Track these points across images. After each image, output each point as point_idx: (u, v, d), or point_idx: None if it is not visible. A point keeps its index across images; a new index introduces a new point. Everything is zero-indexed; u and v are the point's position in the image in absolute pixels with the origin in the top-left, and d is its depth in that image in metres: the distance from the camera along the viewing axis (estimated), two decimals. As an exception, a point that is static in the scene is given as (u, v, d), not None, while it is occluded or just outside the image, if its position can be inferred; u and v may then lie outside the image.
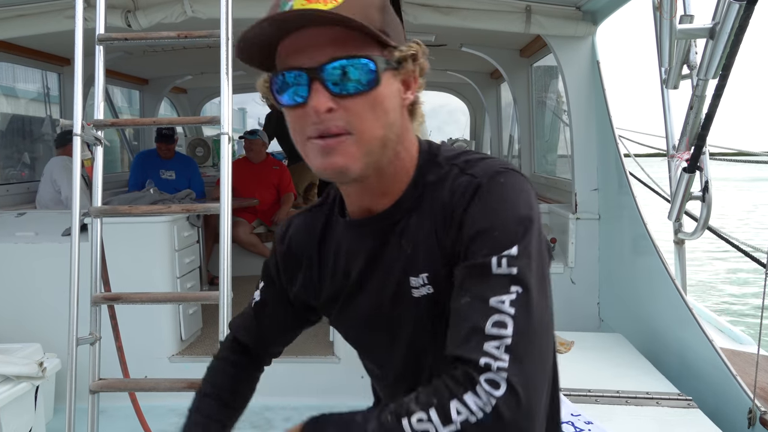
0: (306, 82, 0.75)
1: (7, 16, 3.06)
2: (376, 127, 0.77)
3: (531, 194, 0.80)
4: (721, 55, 1.92)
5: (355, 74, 0.74)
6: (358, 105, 0.76)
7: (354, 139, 0.76)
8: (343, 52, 0.74)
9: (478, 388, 0.67)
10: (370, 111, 0.76)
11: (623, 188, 2.88)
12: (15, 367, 2.58)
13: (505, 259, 0.73)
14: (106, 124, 2.18)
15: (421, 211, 0.85)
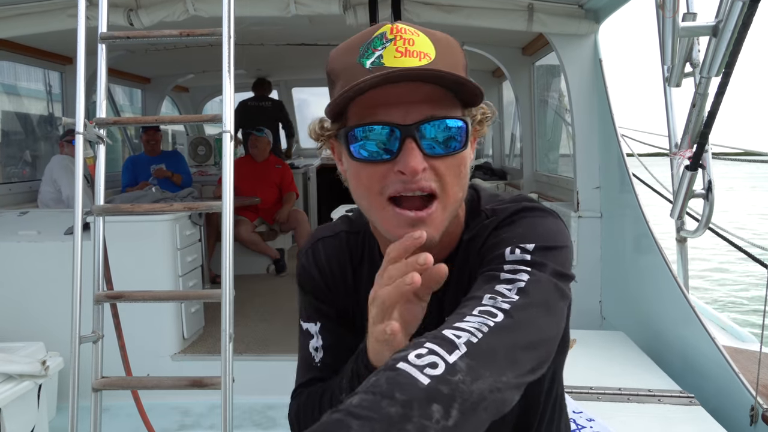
0: (399, 138, 0.72)
1: (10, 14, 3.07)
2: (458, 189, 0.76)
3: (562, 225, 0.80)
4: (724, 52, 1.92)
5: (450, 135, 0.73)
6: (446, 167, 0.74)
7: (441, 204, 0.74)
8: (439, 112, 0.72)
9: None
10: (456, 172, 0.75)
11: (625, 186, 2.87)
12: (18, 365, 2.58)
13: (518, 249, 0.74)
14: (109, 122, 2.18)
15: (462, 268, 0.84)
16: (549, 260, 0.74)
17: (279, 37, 4.44)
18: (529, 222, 0.78)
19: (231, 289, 2.01)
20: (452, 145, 0.73)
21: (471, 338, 0.61)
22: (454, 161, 0.74)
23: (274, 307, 4.26)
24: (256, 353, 3.42)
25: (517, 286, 0.69)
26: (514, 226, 0.78)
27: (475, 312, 0.66)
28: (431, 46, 0.73)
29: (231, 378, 1.94)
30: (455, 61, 0.75)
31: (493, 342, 0.62)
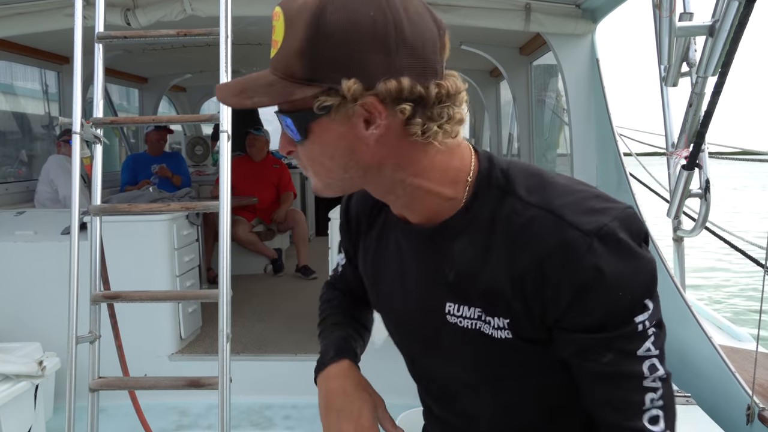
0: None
1: (6, 14, 3.06)
2: (323, 168, 0.78)
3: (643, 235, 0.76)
4: (720, 52, 1.92)
5: (287, 127, 0.76)
6: (303, 150, 0.78)
7: (310, 174, 0.81)
8: (281, 105, 0.76)
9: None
10: (312, 156, 0.78)
11: (622, 186, 2.88)
12: (14, 366, 2.58)
13: (647, 321, 0.75)
14: (105, 122, 2.17)
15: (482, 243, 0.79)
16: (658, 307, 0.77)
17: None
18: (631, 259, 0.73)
19: (228, 289, 2.01)
20: (294, 135, 0.76)
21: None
22: (307, 146, 0.77)
23: (271, 307, 4.25)
24: (254, 353, 3.42)
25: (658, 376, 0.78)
26: (622, 270, 0.72)
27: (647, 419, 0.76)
28: (282, 30, 0.72)
29: (228, 378, 1.94)
30: (289, 48, 0.71)
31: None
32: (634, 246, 0.73)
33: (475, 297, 0.81)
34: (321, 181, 0.80)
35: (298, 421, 3.07)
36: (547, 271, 0.73)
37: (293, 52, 0.71)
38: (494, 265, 0.78)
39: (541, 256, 0.73)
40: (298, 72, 0.71)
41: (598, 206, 0.74)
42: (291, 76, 0.71)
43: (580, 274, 0.72)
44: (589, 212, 0.73)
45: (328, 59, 0.70)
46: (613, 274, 0.71)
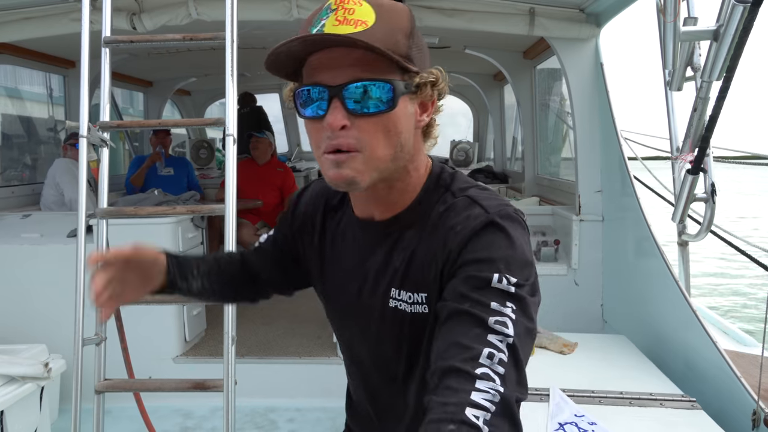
0: (327, 99, 0.80)
1: (14, 18, 3.08)
2: (386, 146, 0.82)
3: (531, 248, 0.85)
4: (725, 57, 1.92)
5: (374, 95, 0.79)
6: (371, 125, 0.81)
7: (363, 157, 0.81)
8: (365, 74, 0.79)
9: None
10: (383, 131, 0.81)
11: (627, 190, 2.88)
12: (20, 367, 2.59)
13: (506, 279, 0.77)
14: (112, 125, 2.19)
15: (421, 230, 0.90)
16: (528, 295, 0.78)
17: (281, 40, 4.44)
18: (511, 242, 0.81)
19: (233, 292, 2.01)
20: (376, 105, 0.79)
21: (486, 415, 0.68)
22: (380, 121, 0.80)
23: (276, 310, 4.26)
24: (258, 356, 3.43)
25: (507, 342, 0.73)
26: (497, 242, 0.80)
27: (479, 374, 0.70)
28: (372, 14, 0.79)
29: (233, 380, 1.94)
30: (393, 27, 0.80)
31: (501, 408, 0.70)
32: (519, 236, 0.82)
33: (412, 279, 0.90)
34: (372, 164, 0.82)
35: (301, 423, 3.08)
36: (449, 236, 0.83)
37: (401, 31, 0.80)
38: (423, 246, 0.88)
39: (450, 226, 0.84)
40: (403, 49, 0.80)
41: (505, 203, 0.87)
42: (395, 51, 0.79)
43: (468, 230, 0.82)
44: (498, 203, 0.86)
45: (421, 47, 0.84)
46: (492, 237, 0.81)
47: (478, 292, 0.76)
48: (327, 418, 3.10)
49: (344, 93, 0.79)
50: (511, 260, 0.79)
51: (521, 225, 0.85)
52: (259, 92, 6.76)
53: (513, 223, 0.83)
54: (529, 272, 0.80)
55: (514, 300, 0.76)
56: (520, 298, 0.76)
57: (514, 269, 0.78)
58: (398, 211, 0.92)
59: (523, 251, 0.81)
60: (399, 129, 0.82)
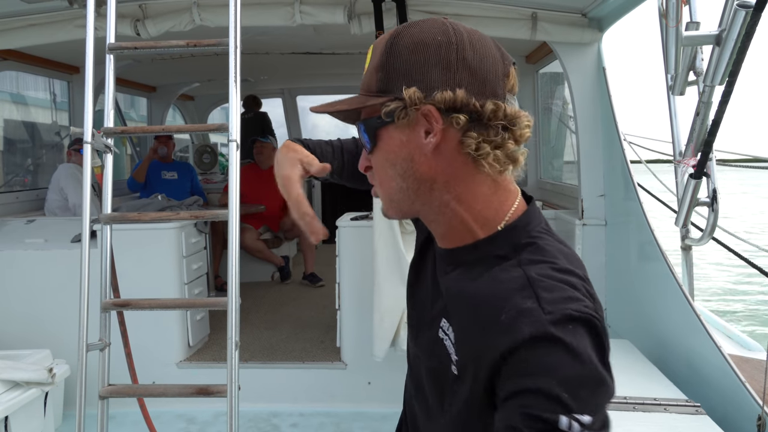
0: None
1: (19, 25, 3.11)
2: (387, 178, 0.85)
3: (607, 352, 0.72)
4: (727, 61, 1.93)
5: (363, 136, 0.86)
6: (374, 161, 0.86)
7: (379, 192, 0.88)
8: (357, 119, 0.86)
9: None
10: (380, 166, 0.85)
11: (630, 194, 2.88)
12: (25, 373, 2.60)
13: (577, 424, 0.64)
14: (116, 131, 2.20)
15: (469, 280, 0.81)
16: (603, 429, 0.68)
17: (284, 46, 4.47)
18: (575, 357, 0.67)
19: (237, 297, 2.02)
20: (367, 143, 0.85)
21: None
22: (377, 157, 0.85)
23: (279, 315, 4.26)
24: (262, 361, 3.43)
25: None
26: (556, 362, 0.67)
27: None
28: (368, 58, 0.84)
29: (237, 386, 1.94)
30: (371, 68, 0.83)
31: None
32: (586, 346, 0.68)
33: (453, 324, 0.84)
34: (385, 195, 0.87)
35: (305, 429, 3.07)
36: (495, 325, 0.72)
37: (373, 69, 0.82)
38: (468, 303, 0.80)
39: (498, 309, 0.72)
40: (374, 86, 0.82)
41: (575, 297, 0.72)
42: (368, 90, 0.83)
43: (516, 336, 0.68)
44: (563, 296, 0.71)
45: (397, 72, 0.79)
46: (548, 355, 0.67)
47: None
48: (330, 423, 3.10)
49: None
50: (577, 387, 0.66)
51: (588, 326, 0.69)
52: (262, 97, 6.78)
53: (576, 327, 0.68)
54: (602, 394, 0.68)
55: None
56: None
57: (584, 402, 0.65)
58: (454, 245, 0.86)
59: (592, 366, 0.67)
60: (390, 160, 0.83)
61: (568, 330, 0.67)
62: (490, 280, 0.78)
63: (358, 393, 3.28)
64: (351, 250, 3.25)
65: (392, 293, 2.93)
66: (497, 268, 0.79)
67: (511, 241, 0.80)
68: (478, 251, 0.82)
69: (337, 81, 6.20)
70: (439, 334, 0.86)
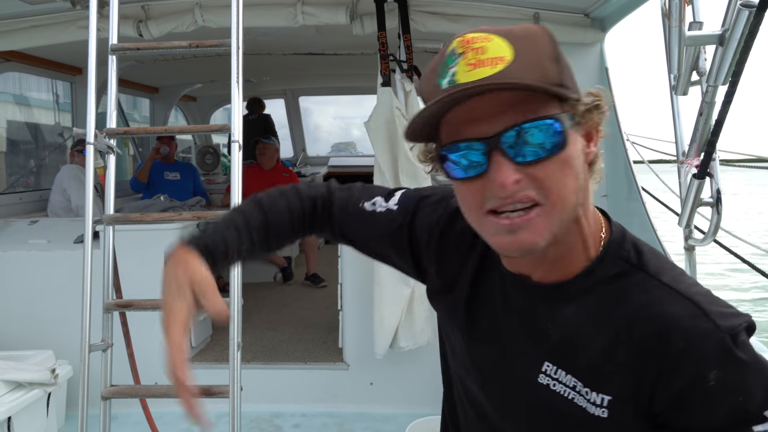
0: (484, 153, 0.68)
1: (22, 27, 3.11)
2: (569, 193, 0.70)
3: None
4: (730, 61, 1.92)
5: (540, 138, 0.67)
6: (547, 171, 0.68)
7: (544, 211, 0.69)
8: (522, 117, 0.67)
9: None
10: (561, 176, 0.69)
11: (632, 194, 2.87)
12: (27, 373, 2.60)
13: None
14: (119, 132, 2.20)
15: (597, 312, 0.74)
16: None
17: (286, 46, 4.47)
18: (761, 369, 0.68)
19: (239, 298, 2.02)
20: (545, 147, 0.67)
21: None
22: (554, 163, 0.68)
23: (281, 316, 4.26)
24: (264, 362, 3.43)
25: None
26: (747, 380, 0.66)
27: None
28: (507, 47, 0.68)
29: (239, 386, 1.94)
30: (537, 56, 0.69)
31: None
32: (759, 354, 0.69)
33: (578, 365, 0.75)
34: (557, 215, 0.69)
35: (307, 429, 3.07)
36: (669, 352, 0.68)
37: (547, 56, 0.69)
38: (609, 337, 0.72)
39: (666, 335, 0.68)
40: (555, 77, 0.69)
41: (728, 307, 0.71)
42: (547, 81, 0.68)
43: (702, 365, 0.67)
44: (723, 309, 0.70)
45: (569, 70, 0.72)
46: (737, 376, 0.66)
47: None
48: (333, 424, 3.10)
49: (504, 142, 0.67)
50: (764, 396, 0.66)
51: (749, 332, 0.70)
52: (264, 98, 6.79)
53: (746, 339, 0.68)
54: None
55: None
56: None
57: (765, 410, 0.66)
58: (564, 275, 0.76)
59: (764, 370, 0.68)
60: (576, 169, 0.70)
61: (745, 346, 0.67)
62: (638, 307, 0.71)
63: (361, 393, 3.27)
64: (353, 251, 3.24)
65: (392, 293, 2.93)
66: (630, 290, 0.73)
67: (621, 256, 0.76)
68: (593, 276, 0.75)
69: (340, 81, 6.20)
70: (542, 381, 0.77)
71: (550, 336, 0.77)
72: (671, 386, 0.68)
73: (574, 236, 0.75)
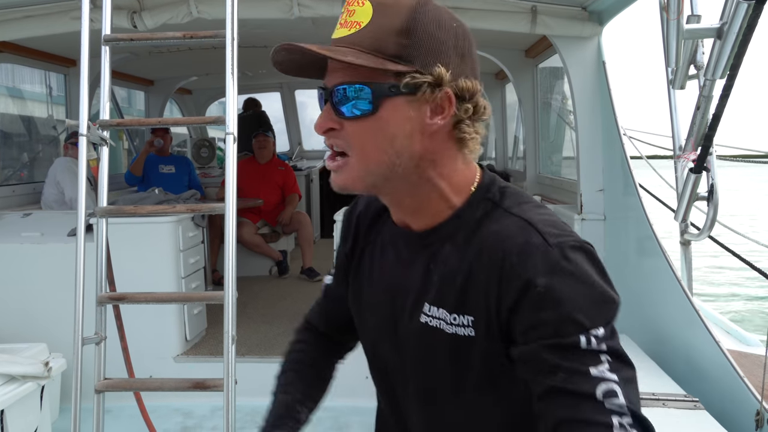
0: (324, 101, 0.82)
1: (14, 17, 3.08)
2: (376, 151, 0.80)
3: (605, 271, 0.78)
4: (728, 55, 1.91)
5: (354, 99, 0.78)
6: (357, 128, 0.79)
7: (349, 162, 0.81)
8: (347, 78, 0.78)
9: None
10: (370, 135, 0.79)
11: (629, 189, 2.87)
12: (21, 366, 2.59)
13: (594, 338, 0.72)
14: (112, 124, 2.18)
15: (464, 245, 0.84)
16: (617, 339, 0.75)
17: (282, 39, 4.40)
18: (584, 281, 0.75)
19: (234, 291, 2.01)
20: (358, 108, 0.78)
21: None
22: (365, 124, 0.78)
23: (276, 309, 4.25)
24: (259, 355, 3.42)
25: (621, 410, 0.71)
26: (568, 289, 0.73)
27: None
28: (369, 14, 0.78)
29: (234, 380, 1.93)
30: (384, 27, 0.77)
31: None
32: (590, 270, 0.75)
33: (448, 298, 0.84)
34: (362, 168, 0.81)
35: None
36: (505, 266, 0.77)
37: (391, 30, 0.77)
38: (468, 265, 0.83)
39: (504, 252, 0.78)
40: (391, 49, 0.77)
41: (566, 232, 0.79)
42: (379, 51, 0.77)
43: (531, 272, 0.74)
44: (559, 230, 0.78)
45: (425, 46, 0.78)
46: (563, 286, 0.73)
47: (568, 361, 0.71)
48: (328, 417, 3.10)
49: (332, 96, 0.79)
50: (590, 307, 0.73)
51: (585, 252, 0.77)
52: (260, 91, 6.76)
53: (578, 254, 0.76)
54: (610, 308, 0.75)
55: (608, 354, 0.72)
56: (613, 349, 0.73)
57: (596, 318, 0.73)
58: (435, 222, 0.86)
59: (599, 287, 0.75)
60: (391, 133, 0.79)
61: (573, 259, 0.75)
62: (487, 235, 0.82)
63: (356, 387, 3.26)
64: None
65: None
66: (487, 223, 0.83)
67: (486, 197, 0.86)
68: (461, 219, 0.85)
69: (336, 75, 6.17)
70: (422, 320, 0.87)
71: (430, 276, 0.87)
72: (509, 296, 0.76)
73: (431, 194, 0.85)
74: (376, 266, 0.96)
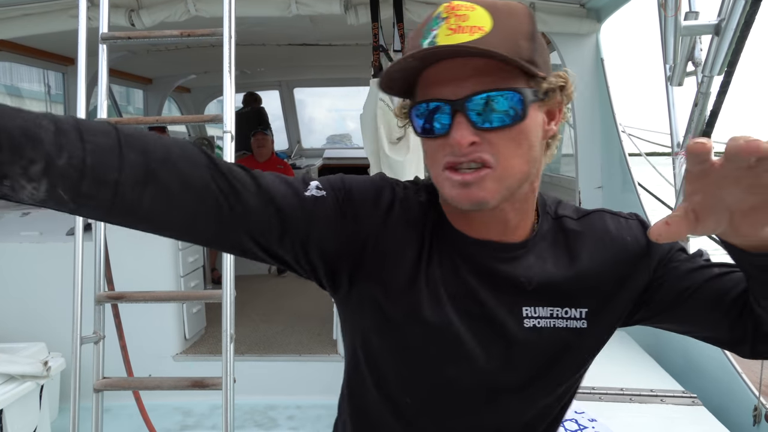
0: (449, 114, 0.74)
1: (12, 15, 3.07)
2: (520, 162, 0.76)
3: None
4: (726, 51, 1.91)
5: (501, 107, 0.72)
6: (502, 139, 0.74)
7: (494, 173, 0.74)
8: (488, 85, 0.72)
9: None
10: (515, 145, 0.75)
11: (627, 186, 2.87)
12: (19, 366, 2.59)
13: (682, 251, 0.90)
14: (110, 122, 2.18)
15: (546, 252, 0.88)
16: None
17: (280, 37, 4.44)
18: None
19: (232, 290, 2.01)
20: (505, 117, 0.73)
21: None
22: (510, 133, 0.74)
23: (275, 308, 4.26)
24: (258, 354, 3.42)
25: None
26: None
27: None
28: (488, 18, 0.72)
29: (232, 378, 1.94)
30: (513, 31, 0.73)
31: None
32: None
33: (551, 297, 0.86)
34: (504, 180, 0.75)
35: (301, 421, 3.07)
36: (628, 247, 0.87)
37: (522, 34, 0.74)
38: (564, 265, 0.87)
39: (616, 240, 0.88)
40: (525, 53, 0.73)
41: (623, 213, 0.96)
42: (518, 56, 0.71)
43: (643, 239, 0.88)
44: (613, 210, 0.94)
45: (540, 48, 0.76)
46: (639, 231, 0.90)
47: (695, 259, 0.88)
48: (327, 415, 3.10)
49: (468, 106, 0.72)
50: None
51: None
52: (259, 89, 6.74)
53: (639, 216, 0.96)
54: None
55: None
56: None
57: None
58: (521, 234, 0.85)
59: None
60: (531, 141, 0.76)
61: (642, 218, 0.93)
62: (583, 231, 0.89)
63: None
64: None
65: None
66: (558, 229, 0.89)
67: (548, 211, 0.90)
68: (539, 233, 0.88)
69: (334, 72, 6.17)
70: (527, 324, 0.85)
71: (525, 287, 0.85)
72: (648, 267, 0.88)
73: (529, 203, 0.84)
74: (439, 279, 0.84)
